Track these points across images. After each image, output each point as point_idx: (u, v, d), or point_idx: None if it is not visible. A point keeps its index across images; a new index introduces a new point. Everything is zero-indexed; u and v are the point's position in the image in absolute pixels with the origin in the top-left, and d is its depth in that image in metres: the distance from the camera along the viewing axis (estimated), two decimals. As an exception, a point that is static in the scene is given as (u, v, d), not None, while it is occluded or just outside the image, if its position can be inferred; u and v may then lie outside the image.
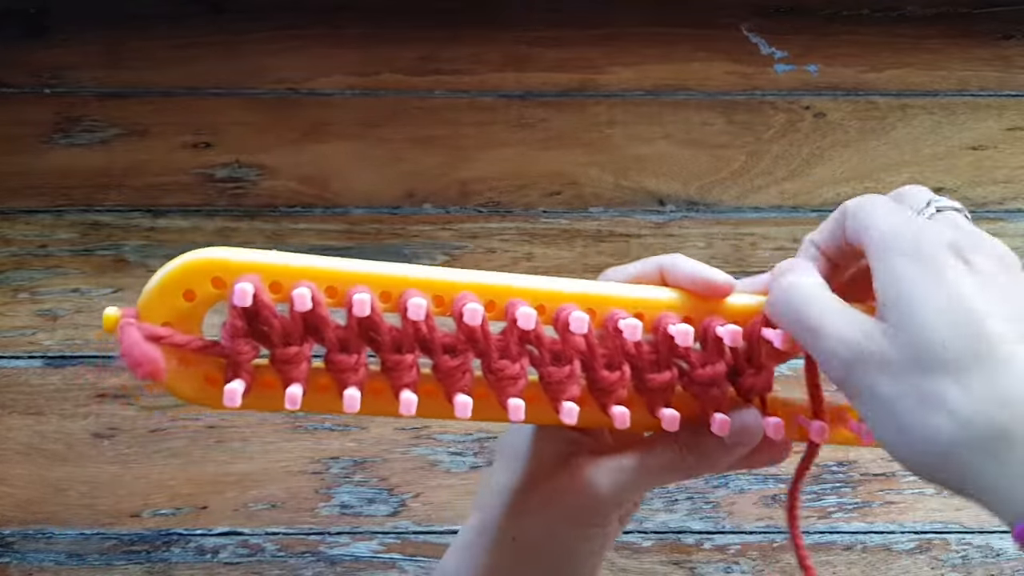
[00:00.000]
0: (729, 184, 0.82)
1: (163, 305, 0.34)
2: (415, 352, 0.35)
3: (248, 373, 0.34)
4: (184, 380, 0.35)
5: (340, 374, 0.35)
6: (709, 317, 0.37)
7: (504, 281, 0.36)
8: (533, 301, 0.36)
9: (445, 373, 0.35)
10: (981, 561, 0.72)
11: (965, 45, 0.86)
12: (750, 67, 0.85)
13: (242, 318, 0.34)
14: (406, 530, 0.72)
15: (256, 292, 0.33)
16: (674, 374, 0.37)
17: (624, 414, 0.36)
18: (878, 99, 0.84)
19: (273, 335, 0.34)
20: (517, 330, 0.35)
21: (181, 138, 0.82)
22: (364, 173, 0.81)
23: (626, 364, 0.37)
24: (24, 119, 0.82)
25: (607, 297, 0.37)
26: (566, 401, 0.36)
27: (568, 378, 0.36)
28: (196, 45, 0.85)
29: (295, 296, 0.33)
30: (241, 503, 0.72)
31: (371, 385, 0.36)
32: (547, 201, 0.81)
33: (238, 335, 0.34)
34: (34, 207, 0.80)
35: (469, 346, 0.35)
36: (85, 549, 0.71)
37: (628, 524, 0.44)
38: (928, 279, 0.30)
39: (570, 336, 0.35)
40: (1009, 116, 0.84)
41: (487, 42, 0.85)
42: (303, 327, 0.34)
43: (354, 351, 0.35)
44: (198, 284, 0.34)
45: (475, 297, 0.35)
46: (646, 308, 0.37)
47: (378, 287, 0.35)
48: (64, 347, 0.76)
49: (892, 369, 0.30)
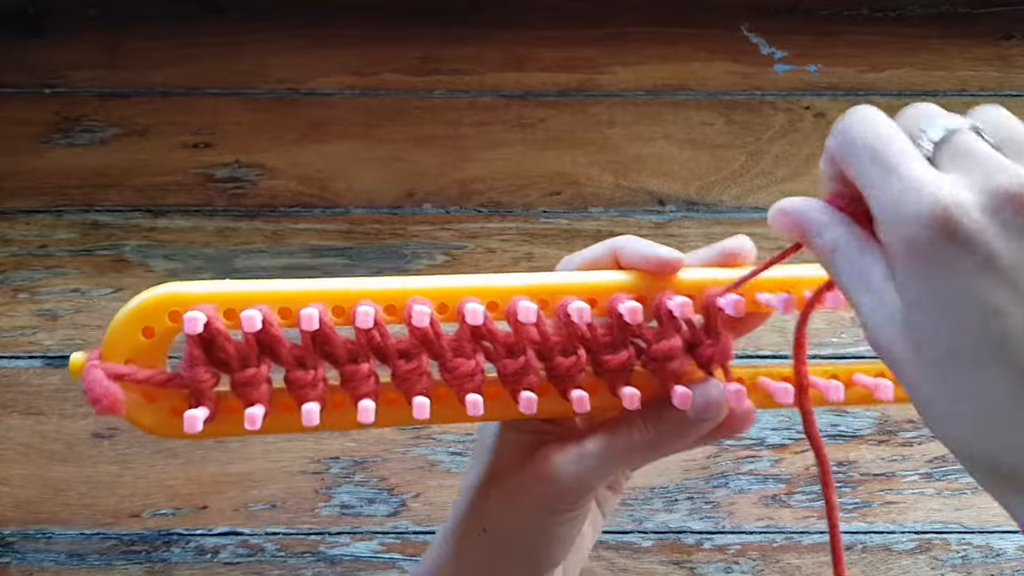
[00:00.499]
0: (729, 184, 0.82)
1: (124, 344, 0.35)
2: (371, 361, 0.36)
3: (211, 400, 0.35)
4: (150, 414, 0.36)
5: (299, 390, 0.35)
6: (661, 293, 0.37)
7: (454, 283, 0.36)
8: (484, 299, 0.36)
9: (402, 378, 0.36)
10: (981, 561, 0.72)
11: (965, 45, 0.86)
12: (750, 67, 0.85)
13: (198, 346, 0.35)
14: (406, 530, 0.72)
15: (209, 319, 0.34)
16: (631, 353, 0.37)
17: (583, 398, 0.37)
18: (878, 99, 0.84)
19: (230, 360, 0.35)
20: (467, 327, 0.36)
21: (181, 138, 0.82)
22: (364, 173, 0.81)
23: (582, 349, 0.37)
24: (24, 119, 0.82)
25: (558, 286, 0.37)
26: (524, 392, 0.36)
27: (523, 368, 0.36)
28: (196, 45, 0.85)
29: (243, 318, 0.34)
30: (241, 503, 0.72)
31: (333, 399, 0.37)
32: (547, 201, 0.81)
33: (196, 364, 0.35)
34: (34, 207, 0.80)
35: (423, 348, 0.36)
36: (85, 549, 0.71)
37: (617, 515, 0.43)
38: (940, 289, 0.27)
39: (521, 327, 0.36)
40: (1009, 116, 0.84)
41: (487, 42, 0.85)
42: (258, 348, 0.35)
43: (311, 367, 0.35)
44: (156, 320, 0.35)
45: (425, 300, 0.36)
46: (598, 293, 0.37)
47: (330, 302, 0.35)
48: (64, 347, 0.76)
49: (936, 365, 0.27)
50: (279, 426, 0.36)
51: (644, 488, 0.73)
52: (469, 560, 0.40)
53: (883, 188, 0.28)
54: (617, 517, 0.72)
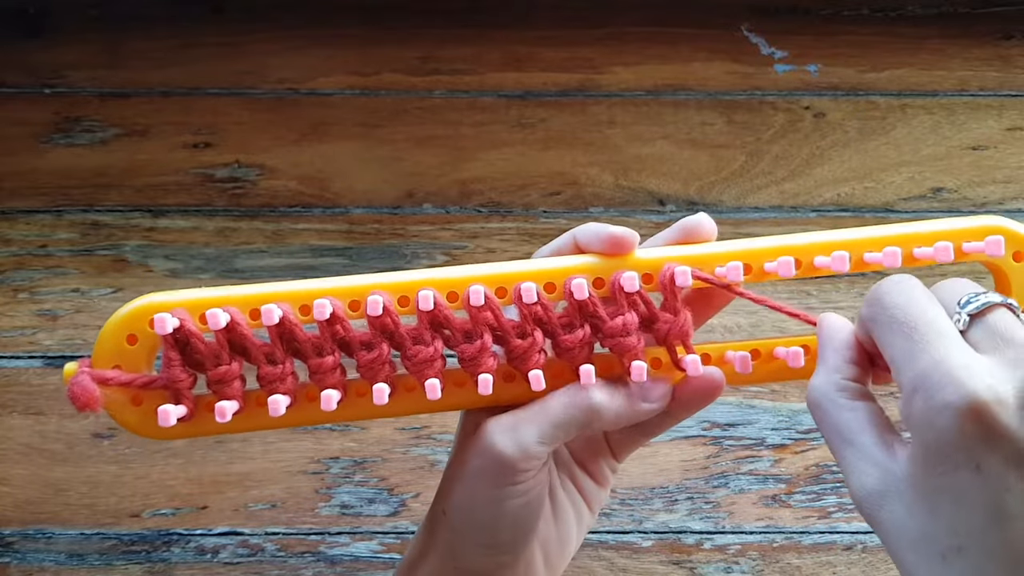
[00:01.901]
0: (729, 184, 0.82)
1: (111, 351, 0.38)
2: (336, 354, 0.38)
3: (188, 399, 0.38)
4: (137, 416, 0.39)
5: (269, 385, 0.38)
6: (616, 272, 0.38)
7: (413, 277, 0.39)
8: (443, 290, 0.38)
9: (365, 367, 0.38)
10: (981, 561, 0.72)
11: (965, 45, 0.86)
12: (750, 67, 0.85)
13: (173, 348, 0.37)
14: (406, 530, 0.72)
15: (181, 323, 0.37)
16: (587, 332, 0.39)
17: (538, 376, 0.38)
18: (878, 99, 0.84)
19: (204, 359, 0.38)
20: (424, 315, 0.38)
21: (181, 138, 0.82)
22: (364, 173, 0.81)
23: (538, 330, 0.38)
24: (24, 119, 0.82)
25: (514, 274, 0.39)
26: (482, 375, 0.38)
27: (481, 352, 0.38)
28: (196, 45, 0.85)
29: (208, 316, 0.37)
30: (241, 503, 0.72)
31: (304, 394, 0.39)
32: (547, 201, 0.81)
33: (173, 364, 0.37)
34: (34, 207, 0.80)
35: (383, 339, 0.38)
36: (85, 549, 0.71)
37: (617, 515, 0.43)
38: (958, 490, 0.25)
39: (474, 310, 0.38)
40: (1009, 116, 0.84)
41: (487, 42, 0.85)
42: (229, 347, 0.37)
43: (280, 362, 0.38)
44: (138, 328, 0.38)
45: (384, 293, 0.38)
46: (555, 277, 0.39)
47: (295, 302, 0.38)
48: (64, 347, 0.76)
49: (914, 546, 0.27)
50: (252, 422, 0.39)
51: (644, 488, 0.73)
52: (436, 544, 0.41)
53: (915, 368, 0.27)
54: (617, 517, 0.72)
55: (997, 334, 0.27)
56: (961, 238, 0.38)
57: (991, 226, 0.38)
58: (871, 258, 0.39)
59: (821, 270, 0.39)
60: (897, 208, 0.81)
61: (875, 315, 0.30)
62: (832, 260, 0.39)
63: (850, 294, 0.77)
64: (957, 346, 0.27)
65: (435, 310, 0.37)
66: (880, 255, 0.38)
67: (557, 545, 0.42)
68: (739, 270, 0.39)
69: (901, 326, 0.28)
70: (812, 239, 0.40)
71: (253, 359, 0.38)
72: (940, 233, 0.38)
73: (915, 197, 0.81)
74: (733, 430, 0.75)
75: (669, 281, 0.38)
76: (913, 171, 0.82)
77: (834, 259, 0.38)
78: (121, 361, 0.38)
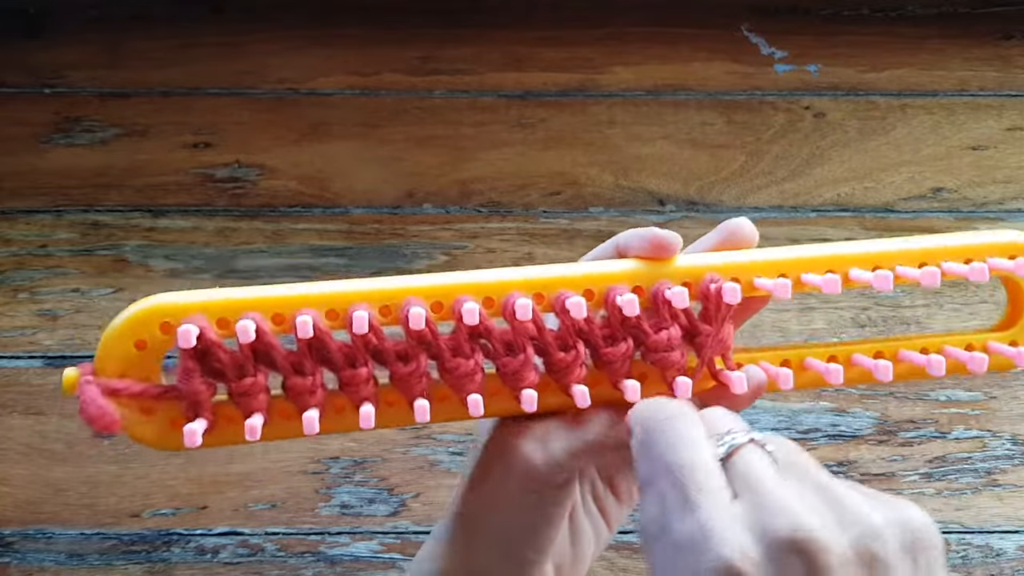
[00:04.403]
0: (729, 184, 0.82)
1: (117, 357, 0.34)
2: (368, 364, 0.36)
3: (208, 412, 0.35)
4: (148, 427, 0.35)
5: (298, 397, 0.35)
6: (659, 282, 0.37)
7: (449, 280, 0.36)
8: (479, 295, 0.36)
9: (401, 380, 0.36)
10: (981, 561, 0.72)
11: (965, 45, 0.86)
12: (750, 67, 0.85)
13: (193, 359, 0.34)
14: (406, 530, 0.72)
15: (201, 331, 0.34)
16: (630, 346, 0.37)
17: (584, 392, 0.36)
18: (878, 99, 0.84)
19: (226, 370, 0.35)
20: (464, 327, 0.35)
21: (181, 138, 0.82)
22: (364, 173, 0.81)
23: (580, 342, 0.37)
24: (24, 119, 0.82)
25: (553, 279, 0.37)
26: (526, 390, 0.36)
27: (523, 366, 0.36)
28: (196, 45, 0.85)
29: (238, 328, 0.34)
30: (241, 503, 0.72)
31: (333, 403, 0.36)
32: (547, 201, 0.81)
33: (192, 376, 0.34)
34: (34, 207, 0.80)
35: (421, 350, 0.36)
36: (85, 549, 0.71)
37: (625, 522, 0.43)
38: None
39: (518, 324, 0.36)
40: (1009, 116, 0.84)
41: (487, 42, 0.85)
42: (253, 357, 0.35)
43: (308, 373, 0.35)
44: (147, 332, 0.34)
45: (420, 301, 0.35)
46: (594, 283, 0.37)
47: (323, 306, 0.35)
48: (64, 347, 0.76)
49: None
50: (279, 433, 0.36)
51: (644, 488, 0.73)
52: (452, 552, 0.40)
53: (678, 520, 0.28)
54: (617, 517, 0.72)
55: (740, 478, 0.29)
56: (985, 253, 0.38)
57: (1017, 243, 0.38)
58: (904, 272, 0.37)
59: (854, 283, 0.38)
60: (897, 208, 0.81)
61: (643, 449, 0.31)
62: (875, 277, 0.37)
63: (851, 293, 0.77)
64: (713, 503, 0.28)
65: (479, 324, 0.35)
66: (918, 272, 0.37)
67: (572, 563, 0.42)
68: (787, 288, 0.37)
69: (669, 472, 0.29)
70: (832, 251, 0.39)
71: (280, 369, 0.35)
72: (967, 248, 0.38)
73: (915, 197, 0.81)
74: (733, 430, 0.75)
75: (716, 296, 0.36)
76: (913, 171, 0.82)
77: (877, 277, 0.37)
78: (128, 368, 0.35)
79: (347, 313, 0.35)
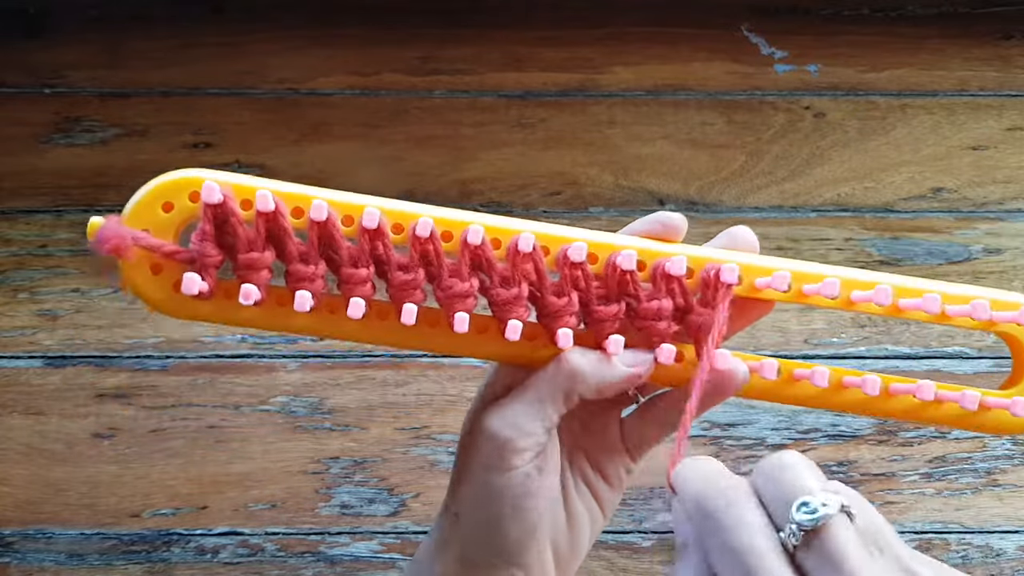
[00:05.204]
0: (729, 184, 0.82)
1: (144, 213, 0.37)
2: (370, 268, 0.37)
3: (211, 278, 0.36)
4: (154, 284, 0.37)
5: (296, 283, 0.36)
6: (659, 258, 0.38)
7: (461, 216, 0.37)
8: (489, 233, 0.37)
9: (398, 288, 0.37)
10: (981, 561, 0.72)
11: (965, 45, 0.86)
12: (750, 67, 0.85)
13: (210, 222, 0.36)
14: (406, 530, 0.72)
15: (225, 197, 0.36)
16: (621, 308, 0.38)
17: (568, 335, 0.37)
18: (878, 99, 0.84)
19: (238, 242, 0.36)
20: (468, 250, 0.37)
21: (181, 138, 0.82)
22: (364, 173, 0.81)
23: (574, 294, 0.38)
24: (24, 119, 0.82)
25: (561, 237, 0.38)
26: (511, 320, 0.37)
27: (515, 299, 0.37)
28: (196, 45, 0.85)
29: (258, 195, 0.36)
30: (241, 503, 0.72)
31: (328, 302, 0.37)
32: (547, 201, 0.81)
33: (206, 238, 0.36)
34: (34, 207, 0.80)
35: (421, 264, 0.37)
36: (85, 549, 0.71)
37: (617, 515, 0.43)
38: None
39: (519, 261, 0.37)
40: (1009, 116, 0.84)
41: (487, 42, 0.85)
42: (265, 235, 0.36)
43: (312, 263, 0.36)
44: (176, 197, 0.37)
45: (429, 221, 0.37)
46: (599, 249, 0.38)
47: (341, 210, 0.37)
48: (64, 347, 0.76)
49: None
50: (272, 319, 0.37)
51: (644, 488, 0.73)
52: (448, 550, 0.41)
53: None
54: (617, 517, 0.72)
55: (828, 561, 0.26)
56: (993, 307, 0.38)
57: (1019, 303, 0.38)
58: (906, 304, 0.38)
59: (857, 305, 0.38)
60: (897, 208, 0.81)
61: (697, 525, 0.30)
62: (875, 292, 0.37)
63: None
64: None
65: (480, 247, 0.36)
66: (920, 300, 0.37)
67: (569, 551, 0.42)
68: (786, 279, 0.37)
69: (733, 556, 0.28)
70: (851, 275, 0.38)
71: (287, 255, 0.36)
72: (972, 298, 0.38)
73: (915, 197, 0.81)
74: (733, 430, 0.75)
75: (714, 277, 0.37)
76: (913, 171, 0.82)
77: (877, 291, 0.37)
78: (151, 227, 0.37)
79: (359, 216, 0.36)
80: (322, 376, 0.75)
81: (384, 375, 0.75)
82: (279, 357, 0.76)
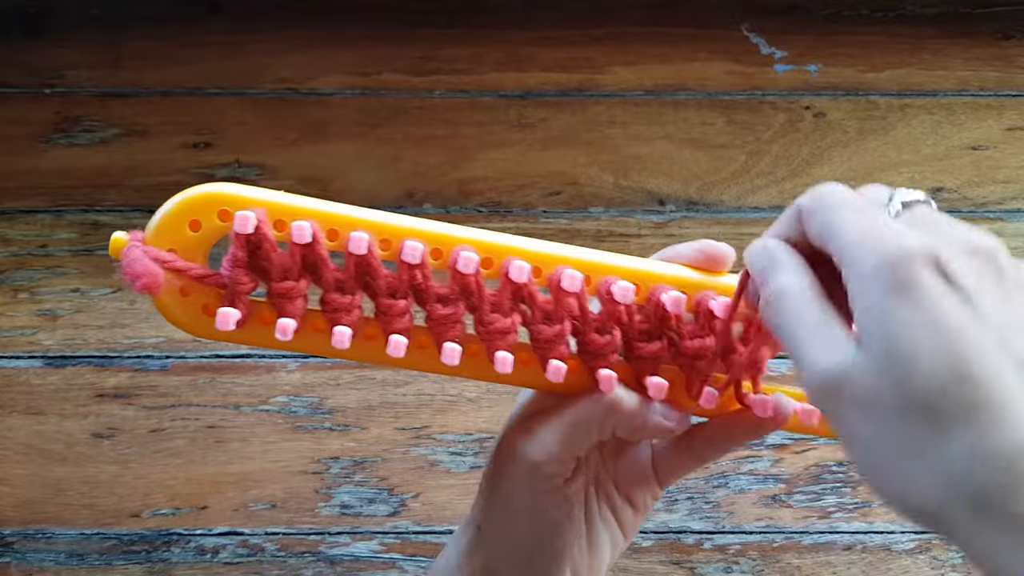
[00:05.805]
0: (729, 184, 0.82)
1: (170, 234, 0.35)
2: (408, 299, 0.36)
3: (244, 305, 0.35)
4: (182, 308, 0.36)
5: (333, 313, 0.35)
6: (703, 292, 0.37)
7: (502, 240, 0.36)
8: (530, 262, 0.36)
9: (436, 321, 0.36)
10: (981, 561, 0.72)
11: (965, 45, 0.86)
12: (750, 67, 0.85)
13: (244, 248, 0.34)
14: (406, 530, 0.72)
15: (259, 222, 0.34)
16: (664, 345, 0.37)
17: (611, 377, 0.36)
18: (878, 99, 0.84)
19: (272, 269, 0.35)
20: (510, 285, 0.35)
21: (181, 138, 0.82)
22: (364, 173, 0.81)
23: (617, 331, 0.36)
24: (24, 119, 0.82)
25: (604, 265, 0.37)
26: (553, 360, 0.36)
27: (557, 337, 0.36)
28: (196, 45, 0.85)
29: (294, 227, 0.34)
30: (241, 503, 0.72)
31: (366, 330, 0.36)
32: (547, 201, 0.81)
33: (239, 265, 0.35)
34: (34, 207, 0.80)
35: (462, 298, 0.36)
36: (85, 549, 0.71)
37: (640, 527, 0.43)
38: (906, 312, 0.26)
39: (562, 296, 0.36)
40: (1009, 116, 0.84)
41: (487, 42, 0.85)
42: (301, 263, 0.35)
43: (349, 292, 0.35)
44: (205, 215, 0.35)
45: (471, 249, 0.35)
46: (642, 278, 0.37)
47: (379, 234, 0.35)
48: (64, 347, 0.76)
49: (869, 409, 0.27)
50: (307, 345, 0.36)
51: (644, 488, 0.73)
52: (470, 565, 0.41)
53: (859, 227, 0.29)
54: (617, 517, 0.72)
55: (921, 221, 0.30)
56: None
57: None
58: None
59: None
60: (897, 208, 0.81)
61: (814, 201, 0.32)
62: None
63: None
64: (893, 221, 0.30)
65: (525, 284, 0.35)
66: None
67: (588, 572, 0.42)
68: None
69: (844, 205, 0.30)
70: None
71: (323, 283, 0.35)
72: None
73: (915, 197, 0.81)
74: (733, 430, 0.75)
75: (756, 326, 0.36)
76: (913, 171, 0.82)
77: None
78: (177, 246, 0.35)
79: (399, 244, 0.35)
80: (322, 376, 0.75)
81: (384, 375, 0.75)
82: (279, 357, 0.76)
